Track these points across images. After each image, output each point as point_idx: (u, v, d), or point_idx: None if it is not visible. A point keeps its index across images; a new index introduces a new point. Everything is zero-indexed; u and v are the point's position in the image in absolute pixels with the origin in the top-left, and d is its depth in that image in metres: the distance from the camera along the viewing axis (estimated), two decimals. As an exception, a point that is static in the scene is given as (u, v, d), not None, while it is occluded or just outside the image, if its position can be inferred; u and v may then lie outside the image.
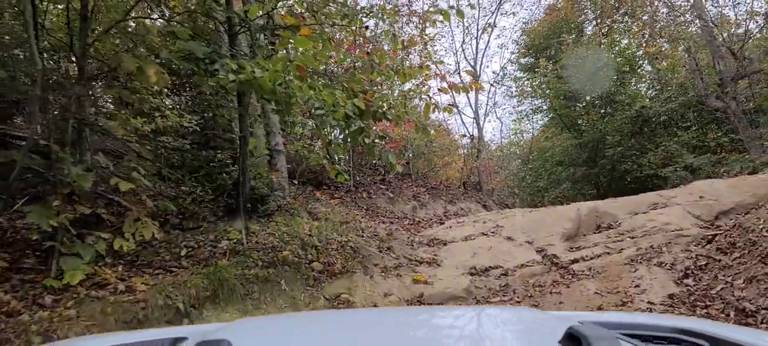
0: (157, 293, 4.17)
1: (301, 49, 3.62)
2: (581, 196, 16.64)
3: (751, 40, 11.22)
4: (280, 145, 8.25)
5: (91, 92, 7.39)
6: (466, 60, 18.47)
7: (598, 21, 17.88)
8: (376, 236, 7.95)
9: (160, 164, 6.96)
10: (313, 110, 4.41)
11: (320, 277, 5.95)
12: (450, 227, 8.27)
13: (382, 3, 12.84)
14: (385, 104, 4.93)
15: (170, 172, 7.11)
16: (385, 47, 10.62)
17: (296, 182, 9.74)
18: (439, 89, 4.70)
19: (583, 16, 18.13)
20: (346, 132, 4.48)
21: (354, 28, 8.19)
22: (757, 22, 10.96)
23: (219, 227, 6.61)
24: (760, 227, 4.94)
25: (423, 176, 14.43)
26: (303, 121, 6.54)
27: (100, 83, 7.00)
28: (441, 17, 4.75)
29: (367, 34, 10.40)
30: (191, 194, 6.83)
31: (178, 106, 8.43)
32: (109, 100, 7.45)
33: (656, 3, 16.30)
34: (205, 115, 8.35)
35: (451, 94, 17.23)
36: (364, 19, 5.09)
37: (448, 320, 1.50)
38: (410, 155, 14.59)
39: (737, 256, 4.86)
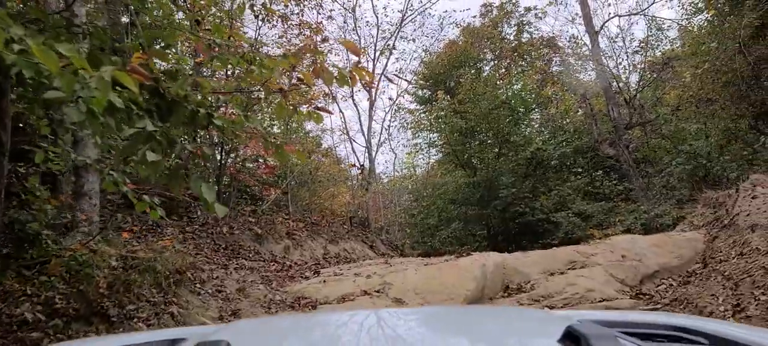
0: None
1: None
2: (472, 237, 15.90)
3: (644, 90, 11.13)
4: (91, 160, 5.81)
5: None
6: (362, 85, 17.02)
7: (497, 61, 17.63)
8: (220, 292, 5.79)
9: None
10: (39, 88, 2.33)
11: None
12: (324, 281, 6.39)
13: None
14: (212, 99, 2.97)
15: None
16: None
17: (115, 211, 7.21)
18: (313, 72, 2.56)
19: (482, 55, 17.78)
20: (121, 138, 2.44)
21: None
22: (653, 72, 10.89)
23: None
24: (721, 308, 3.76)
25: (303, 209, 12.44)
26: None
27: None
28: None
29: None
30: None
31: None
32: None
33: (550, 52, 16.40)
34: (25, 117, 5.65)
35: (331, 93, 15.45)
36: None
37: (452, 319, 1.40)
38: (292, 183, 12.53)
39: (697, 350, 3.60)
